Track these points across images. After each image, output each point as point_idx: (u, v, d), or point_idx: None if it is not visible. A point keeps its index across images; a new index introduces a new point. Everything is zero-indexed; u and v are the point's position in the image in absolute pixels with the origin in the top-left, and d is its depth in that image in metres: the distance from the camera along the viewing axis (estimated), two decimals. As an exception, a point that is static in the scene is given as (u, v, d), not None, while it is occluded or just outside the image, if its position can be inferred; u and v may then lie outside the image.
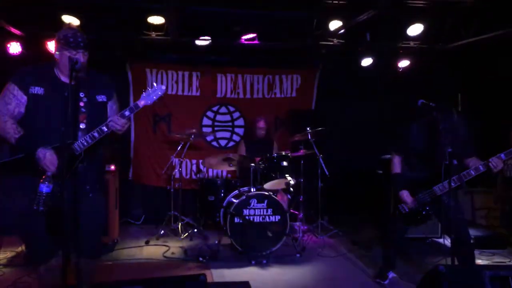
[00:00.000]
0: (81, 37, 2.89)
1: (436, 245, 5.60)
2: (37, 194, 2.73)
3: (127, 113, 2.91)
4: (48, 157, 2.76)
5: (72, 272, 3.09)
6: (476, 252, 5.25)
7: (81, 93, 2.98)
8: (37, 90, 2.89)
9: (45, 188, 2.72)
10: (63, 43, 2.86)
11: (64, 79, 2.95)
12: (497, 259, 5.09)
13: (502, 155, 3.60)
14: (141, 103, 2.95)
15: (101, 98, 3.09)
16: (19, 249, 4.97)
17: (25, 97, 2.89)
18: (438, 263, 3.49)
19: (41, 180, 2.74)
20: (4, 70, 5.78)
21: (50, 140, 2.79)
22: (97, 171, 3.15)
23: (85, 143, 2.86)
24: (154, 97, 2.97)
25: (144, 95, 2.97)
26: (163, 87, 3.00)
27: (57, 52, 2.92)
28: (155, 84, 3.00)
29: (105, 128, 2.87)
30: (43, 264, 2.98)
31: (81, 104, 2.97)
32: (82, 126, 2.95)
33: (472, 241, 4.12)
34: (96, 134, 2.87)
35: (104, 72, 3.22)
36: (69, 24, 3.13)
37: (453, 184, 3.66)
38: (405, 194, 3.95)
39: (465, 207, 6.51)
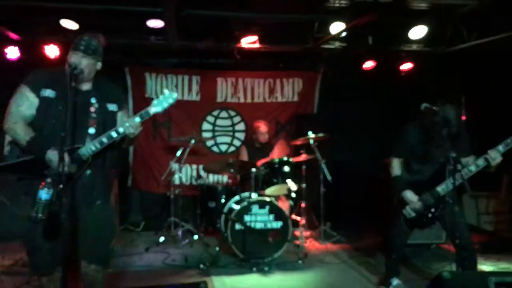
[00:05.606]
0: (85, 41, 2.83)
1: (441, 251, 5.53)
2: (36, 201, 2.65)
3: (137, 119, 2.84)
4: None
5: (75, 280, 3.03)
6: (481, 257, 5.21)
7: (93, 99, 2.94)
8: (49, 93, 2.84)
9: (44, 195, 2.64)
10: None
11: (77, 84, 2.88)
12: (503, 265, 5.02)
13: (500, 147, 3.59)
14: (152, 110, 2.87)
15: (112, 107, 3.04)
16: (18, 256, 4.91)
17: (37, 99, 2.83)
18: (443, 270, 3.45)
19: (40, 187, 2.65)
20: (2, 74, 5.82)
21: (58, 144, 2.70)
22: (104, 179, 3.08)
23: (93, 149, 2.80)
24: (165, 105, 2.89)
25: (155, 102, 2.88)
26: (175, 95, 2.91)
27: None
28: (166, 91, 2.91)
29: (114, 134, 2.81)
30: (46, 275, 2.91)
31: (92, 109, 2.93)
32: (91, 131, 2.90)
33: (475, 247, 4.08)
34: (104, 140, 2.81)
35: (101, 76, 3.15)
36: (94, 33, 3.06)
37: (456, 183, 3.63)
38: (409, 194, 3.89)
39: (470, 212, 6.44)
